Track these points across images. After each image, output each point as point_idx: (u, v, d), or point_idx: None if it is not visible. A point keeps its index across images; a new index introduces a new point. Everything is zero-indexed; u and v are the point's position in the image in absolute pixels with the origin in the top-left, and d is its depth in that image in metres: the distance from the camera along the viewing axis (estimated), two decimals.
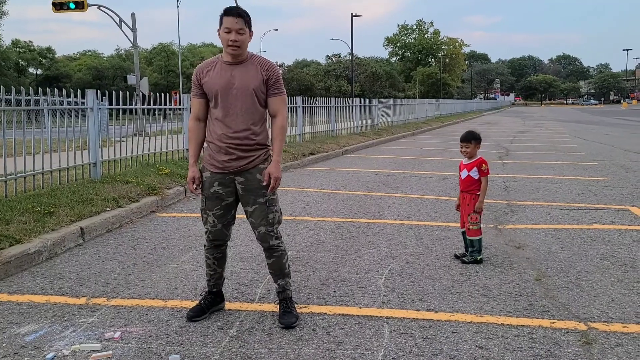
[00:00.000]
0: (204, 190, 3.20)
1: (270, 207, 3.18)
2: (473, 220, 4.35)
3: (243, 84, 3.07)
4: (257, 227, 3.19)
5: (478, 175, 4.37)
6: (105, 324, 3.19)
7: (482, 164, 4.39)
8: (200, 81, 3.15)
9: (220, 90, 3.08)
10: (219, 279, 3.40)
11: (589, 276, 4.04)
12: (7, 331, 3.10)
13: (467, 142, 4.45)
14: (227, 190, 3.18)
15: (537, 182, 8.72)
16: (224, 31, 3.03)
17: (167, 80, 60.40)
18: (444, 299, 3.58)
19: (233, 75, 3.08)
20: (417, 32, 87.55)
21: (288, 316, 3.19)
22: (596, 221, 5.87)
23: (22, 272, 4.19)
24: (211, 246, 3.32)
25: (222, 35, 3.04)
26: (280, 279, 3.29)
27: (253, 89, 3.08)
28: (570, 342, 2.95)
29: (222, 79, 3.09)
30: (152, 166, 8.14)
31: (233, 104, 3.08)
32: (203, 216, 3.27)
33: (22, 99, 6.07)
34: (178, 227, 5.63)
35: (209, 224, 3.24)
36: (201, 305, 3.32)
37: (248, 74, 3.09)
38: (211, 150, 3.17)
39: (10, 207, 5.17)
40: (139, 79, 23.56)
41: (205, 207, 3.22)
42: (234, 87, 3.07)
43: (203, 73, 3.15)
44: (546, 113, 56.36)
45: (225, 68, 3.11)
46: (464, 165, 4.49)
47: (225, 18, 3.03)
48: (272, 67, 3.15)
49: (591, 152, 13.65)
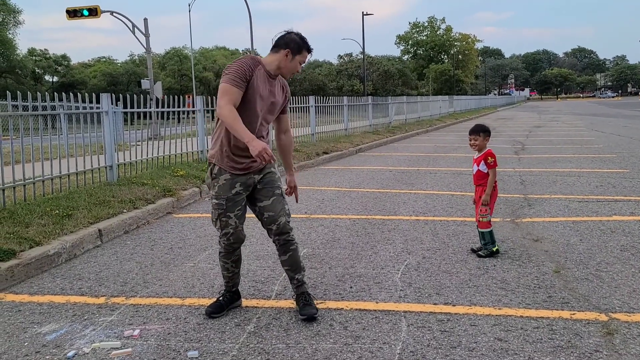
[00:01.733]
0: (224, 193, 3.16)
1: (284, 199, 3.27)
2: (482, 212, 4.30)
3: (277, 101, 3.22)
4: (277, 218, 3.19)
5: (487, 169, 4.31)
6: (125, 322, 3.22)
7: (488, 157, 4.32)
8: (250, 77, 3.06)
9: (261, 99, 3.10)
10: (237, 278, 3.43)
11: (609, 267, 3.98)
12: (28, 331, 3.15)
13: (475, 134, 4.41)
14: (247, 190, 3.22)
15: (554, 175, 8.62)
16: (298, 61, 3.16)
17: (181, 84, 60.87)
18: (461, 293, 3.55)
19: (272, 91, 3.17)
20: (429, 29, 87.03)
21: (309, 308, 3.20)
22: (616, 213, 5.78)
23: (42, 273, 4.25)
24: (229, 250, 3.29)
25: (293, 64, 3.15)
26: (298, 273, 3.29)
27: (279, 106, 3.27)
28: (592, 333, 2.91)
29: (264, 90, 3.12)
30: (168, 168, 8.20)
31: (264, 115, 3.17)
32: (222, 221, 3.19)
33: (38, 105, 6.17)
34: (194, 227, 5.67)
35: (231, 227, 3.20)
36: (220, 302, 3.34)
37: (280, 92, 3.24)
38: (230, 152, 3.13)
39: (29, 211, 5.26)
40: (153, 83, 23.79)
41: (226, 210, 3.17)
42: (270, 102, 3.17)
43: (254, 71, 3.08)
44: (562, 107, 55.68)
45: (266, 79, 3.13)
46: (475, 159, 4.46)
47: (306, 53, 3.18)
48: (288, 87, 3.36)
49: (609, 145, 13.45)
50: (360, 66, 43.53)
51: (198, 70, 57.17)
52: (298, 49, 3.14)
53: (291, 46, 3.13)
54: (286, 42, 3.15)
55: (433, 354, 2.73)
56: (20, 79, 52.53)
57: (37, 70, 62.27)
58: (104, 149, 7.24)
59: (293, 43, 3.13)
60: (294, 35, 3.17)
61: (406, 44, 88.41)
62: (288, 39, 3.16)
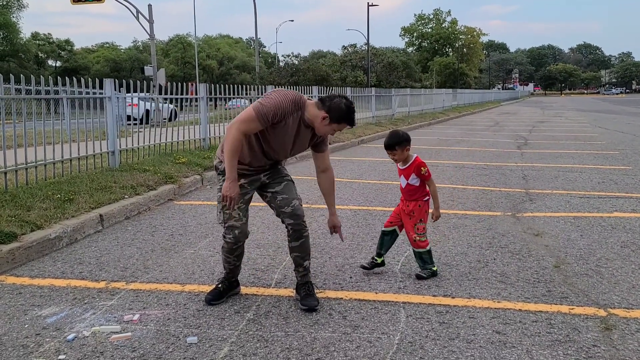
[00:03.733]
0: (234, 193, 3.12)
1: (295, 185, 3.29)
2: (420, 231, 3.70)
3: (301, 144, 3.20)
4: (291, 200, 3.18)
5: (419, 181, 3.69)
6: (125, 307, 3.24)
7: (420, 168, 3.65)
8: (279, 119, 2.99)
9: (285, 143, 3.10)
10: (238, 270, 3.41)
11: (609, 263, 3.98)
12: (29, 313, 3.17)
13: (391, 150, 3.65)
14: (252, 185, 3.21)
15: (557, 171, 8.60)
16: (334, 128, 3.06)
17: (184, 72, 60.73)
18: (460, 285, 3.56)
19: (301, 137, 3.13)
20: (434, 21, 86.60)
21: (310, 299, 3.20)
22: (617, 209, 5.78)
23: (43, 257, 4.26)
24: (233, 247, 3.22)
25: (329, 129, 3.06)
26: (306, 260, 3.28)
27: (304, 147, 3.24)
28: (590, 327, 2.92)
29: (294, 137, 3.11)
30: (170, 155, 8.20)
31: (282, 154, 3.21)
32: (225, 213, 3.15)
33: (41, 89, 6.16)
34: (195, 215, 5.68)
35: (234, 219, 3.15)
36: (219, 289, 3.32)
37: (306, 137, 3.17)
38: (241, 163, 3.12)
39: (31, 194, 5.26)
40: (156, 70, 23.72)
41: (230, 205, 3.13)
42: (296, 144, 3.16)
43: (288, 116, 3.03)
44: (566, 103, 55.47)
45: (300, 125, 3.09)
46: (401, 170, 3.76)
47: (345, 125, 3.07)
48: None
49: (612, 141, 13.41)
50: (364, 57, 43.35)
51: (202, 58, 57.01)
52: (337, 119, 3.02)
53: (331, 115, 3.01)
54: (330, 107, 3.01)
55: (431, 345, 2.74)
56: (23, 62, 52.47)
57: (40, 54, 62.16)
58: (107, 135, 7.24)
59: (336, 112, 3.00)
60: (342, 104, 3.02)
61: (411, 36, 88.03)
62: (333, 106, 3.01)
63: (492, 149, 12.09)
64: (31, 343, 2.79)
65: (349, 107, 3.04)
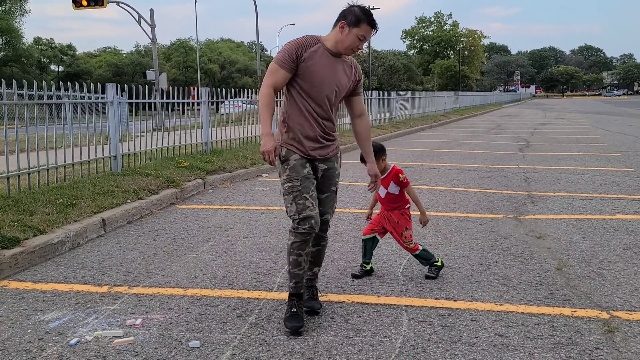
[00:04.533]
0: (297, 174, 2.95)
1: (336, 196, 3.21)
2: (408, 239, 3.72)
3: (344, 81, 3.01)
4: (323, 214, 3.12)
5: (399, 190, 3.72)
6: (127, 311, 3.24)
7: (397, 175, 3.68)
8: (300, 58, 2.88)
9: (324, 80, 2.92)
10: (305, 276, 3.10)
11: (612, 266, 3.98)
12: (32, 318, 3.18)
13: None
14: (314, 172, 3.07)
15: (559, 173, 8.59)
16: (357, 36, 2.87)
17: (186, 76, 60.86)
18: (462, 288, 3.56)
19: (337, 70, 2.96)
20: (436, 24, 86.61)
21: (313, 302, 3.18)
22: (619, 211, 5.77)
23: (45, 261, 4.27)
24: (307, 238, 2.95)
25: (351, 38, 2.87)
26: (317, 266, 3.26)
27: (346, 88, 3.04)
28: (592, 330, 2.91)
29: (328, 70, 2.93)
30: (171, 159, 8.22)
31: (331, 97, 2.98)
32: (298, 204, 2.91)
33: (44, 94, 6.18)
34: (197, 219, 5.69)
35: (309, 209, 2.91)
36: (297, 314, 2.97)
37: (346, 72, 3.02)
38: (296, 134, 2.98)
39: (33, 199, 5.28)
40: (158, 74, 23.79)
41: (302, 190, 2.92)
42: (336, 83, 2.97)
43: (307, 52, 2.89)
44: (568, 105, 55.42)
45: (329, 58, 2.94)
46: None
47: (366, 26, 2.88)
48: (359, 67, 3.15)
49: (614, 143, 13.40)
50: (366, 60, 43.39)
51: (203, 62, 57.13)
52: (355, 22, 2.83)
53: (348, 18, 2.85)
54: (344, 14, 2.88)
55: (434, 348, 2.74)
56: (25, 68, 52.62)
57: (43, 59, 62.32)
58: (109, 139, 7.26)
59: (350, 15, 2.85)
60: (354, 7, 2.89)
61: (412, 39, 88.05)
62: (346, 11, 2.89)
63: (494, 151, 12.08)
64: (34, 348, 2.79)
65: (362, 7, 2.90)
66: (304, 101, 2.97)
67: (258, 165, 9.08)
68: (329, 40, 2.94)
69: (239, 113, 11.27)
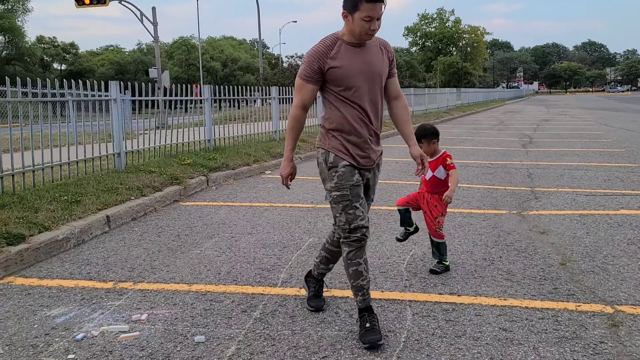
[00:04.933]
0: (346, 181, 2.76)
1: (371, 203, 3.08)
2: (440, 225, 3.81)
3: (377, 68, 2.76)
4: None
5: (445, 175, 3.76)
6: (132, 307, 3.26)
7: (446, 159, 3.75)
8: (324, 68, 2.71)
9: (357, 77, 2.71)
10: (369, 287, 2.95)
11: (616, 260, 3.97)
12: (38, 313, 3.20)
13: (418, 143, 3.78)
14: (363, 178, 2.88)
15: (562, 169, 8.58)
16: (362, 19, 2.60)
17: (188, 74, 60.92)
18: (466, 283, 3.56)
19: (367, 61, 2.74)
20: (438, 21, 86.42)
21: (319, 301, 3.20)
22: (623, 207, 5.76)
23: (51, 258, 4.29)
24: (360, 245, 2.80)
25: (357, 24, 2.63)
26: (332, 263, 3.23)
27: (383, 74, 2.80)
28: (597, 324, 2.92)
29: (358, 64, 2.72)
30: (175, 156, 8.23)
31: (372, 93, 2.76)
32: (349, 214, 2.75)
33: (48, 92, 6.20)
34: (201, 215, 5.70)
35: (360, 218, 2.75)
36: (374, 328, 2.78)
37: (378, 58, 2.78)
38: (341, 141, 2.79)
39: (39, 196, 5.30)
40: (160, 72, 23.81)
41: (352, 199, 2.75)
42: (370, 73, 2.74)
43: (328, 57, 2.71)
44: (571, 101, 55.28)
45: (353, 51, 2.73)
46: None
47: (366, 5, 2.58)
48: (390, 45, 2.87)
49: (618, 139, 13.36)
50: None
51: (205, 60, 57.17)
52: (352, 6, 2.61)
53: (346, 5, 2.65)
54: (343, 2, 2.69)
55: (438, 342, 2.75)
56: (28, 66, 52.74)
57: (46, 58, 62.47)
58: (112, 137, 7.27)
59: (346, 1, 2.65)
60: None
61: (414, 35, 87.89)
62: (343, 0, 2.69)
63: (497, 147, 12.07)
64: (41, 343, 2.81)
65: None
66: (346, 105, 2.76)
67: (261, 162, 9.10)
68: (345, 33, 2.75)
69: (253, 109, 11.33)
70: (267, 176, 8.53)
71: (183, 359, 2.62)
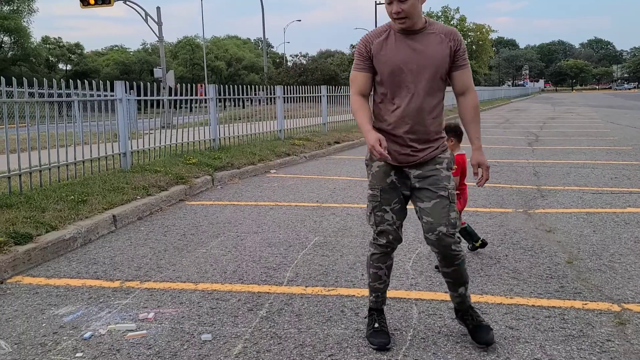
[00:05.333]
0: (378, 182, 2.66)
1: (451, 204, 2.59)
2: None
3: (427, 59, 2.54)
4: (436, 227, 2.56)
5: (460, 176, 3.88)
6: (139, 306, 3.27)
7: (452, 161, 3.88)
8: (370, 53, 2.60)
9: (399, 67, 2.55)
10: (385, 291, 2.89)
11: (623, 259, 3.96)
12: (46, 312, 3.22)
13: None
14: (403, 182, 2.67)
15: (568, 167, 8.55)
16: (386, 2, 2.51)
17: (193, 74, 61.03)
18: (473, 282, 3.55)
19: (414, 49, 2.54)
20: (443, 19, 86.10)
21: (482, 331, 2.66)
22: (630, 205, 5.73)
23: (58, 257, 4.32)
24: (386, 252, 2.74)
25: (385, 8, 2.54)
26: (461, 286, 2.74)
27: (437, 66, 2.56)
28: (603, 322, 2.91)
29: (400, 54, 2.55)
30: (180, 156, 8.26)
31: (414, 85, 2.56)
32: (376, 215, 2.67)
33: (54, 92, 6.23)
34: (206, 215, 5.72)
35: (387, 223, 2.66)
36: (381, 329, 2.76)
37: (430, 47, 2.55)
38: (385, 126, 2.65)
39: (45, 196, 5.33)
40: (165, 72, 23.86)
41: (381, 201, 2.65)
42: (416, 64, 2.54)
43: (373, 43, 2.60)
44: (577, 99, 55.01)
45: (400, 39, 2.56)
46: None
47: None
48: (457, 34, 2.60)
49: (625, 137, 13.29)
50: None
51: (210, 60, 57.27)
52: None
53: None
54: None
55: (444, 340, 2.75)
56: (34, 67, 52.95)
57: (51, 58, 62.70)
58: (118, 137, 7.30)
59: None
60: None
61: None
62: None
63: (503, 145, 12.03)
64: (49, 341, 2.83)
65: None
66: (385, 98, 2.63)
67: (266, 161, 9.11)
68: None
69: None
70: (273, 175, 8.54)
71: (190, 357, 2.64)
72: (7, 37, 49.24)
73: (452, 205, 2.59)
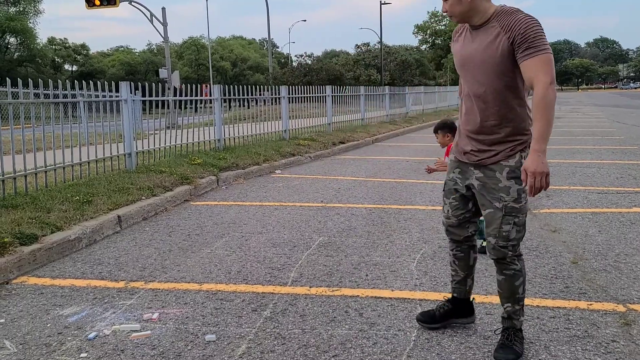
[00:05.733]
0: (448, 174, 2.77)
1: (506, 217, 2.48)
2: None
3: (481, 55, 2.44)
4: (489, 235, 2.56)
5: None
6: (144, 306, 3.28)
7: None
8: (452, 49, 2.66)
9: (460, 63, 2.56)
10: (462, 284, 2.85)
11: (628, 259, 3.94)
12: (51, 313, 3.23)
13: (435, 133, 4.26)
14: (466, 181, 2.63)
15: (574, 166, 8.51)
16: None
17: (198, 74, 61.20)
18: (477, 282, 3.53)
19: (472, 46, 2.49)
20: (448, 18, 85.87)
21: (505, 351, 2.53)
22: (636, 204, 5.70)
23: (63, 257, 4.34)
24: (449, 238, 2.84)
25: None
26: (508, 302, 2.60)
27: (491, 63, 2.41)
28: (609, 323, 2.89)
29: (467, 50, 2.51)
30: (185, 156, 8.28)
31: (473, 83, 2.50)
32: (443, 205, 2.80)
33: (59, 93, 6.26)
34: (211, 215, 5.73)
35: (444, 214, 2.79)
36: (433, 312, 2.87)
37: (486, 42, 2.42)
38: (459, 132, 2.70)
39: (51, 197, 5.36)
40: (170, 72, 23.92)
41: (445, 192, 2.76)
42: (472, 61, 2.48)
43: (454, 37, 2.64)
44: (583, 98, 54.73)
45: (467, 35, 2.55)
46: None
47: None
48: (519, 22, 2.33)
49: (631, 136, 13.22)
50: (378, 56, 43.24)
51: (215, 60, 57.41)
52: None
53: None
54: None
55: (448, 341, 2.74)
56: (40, 68, 53.23)
57: (57, 59, 62.99)
58: (123, 137, 7.33)
59: None
60: None
61: (424, 33, 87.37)
62: None
63: None
64: (54, 342, 2.85)
65: None
66: (462, 94, 2.64)
67: (271, 161, 9.12)
68: None
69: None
70: (277, 175, 8.55)
71: (194, 357, 2.64)
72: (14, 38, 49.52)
73: (506, 217, 2.48)
